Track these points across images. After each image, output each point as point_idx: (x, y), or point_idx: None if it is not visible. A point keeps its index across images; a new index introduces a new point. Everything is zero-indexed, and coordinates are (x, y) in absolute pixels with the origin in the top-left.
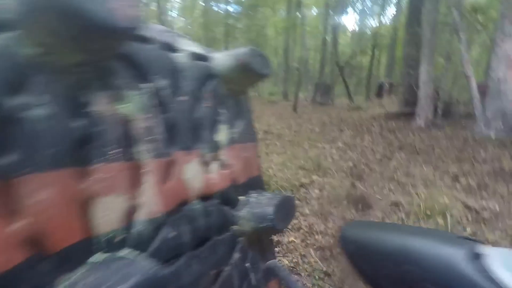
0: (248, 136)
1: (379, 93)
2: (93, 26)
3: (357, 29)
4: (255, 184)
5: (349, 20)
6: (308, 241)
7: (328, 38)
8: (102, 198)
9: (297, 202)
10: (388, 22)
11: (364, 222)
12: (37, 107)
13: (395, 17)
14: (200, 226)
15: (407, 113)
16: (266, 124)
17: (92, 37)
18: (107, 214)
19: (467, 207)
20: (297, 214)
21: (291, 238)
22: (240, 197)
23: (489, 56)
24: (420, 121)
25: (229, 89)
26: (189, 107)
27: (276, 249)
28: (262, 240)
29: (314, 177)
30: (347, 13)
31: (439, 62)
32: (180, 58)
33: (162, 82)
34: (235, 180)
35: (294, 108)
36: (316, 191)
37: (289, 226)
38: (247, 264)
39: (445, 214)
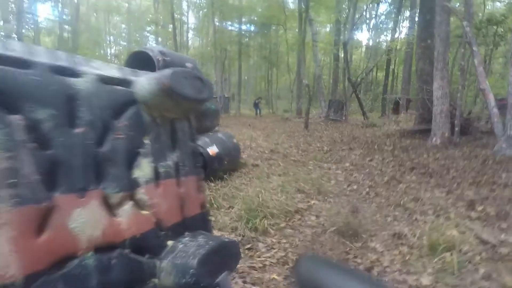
0: (187, 169)
1: (396, 109)
2: None
3: (371, 43)
4: (194, 224)
5: (363, 36)
6: (293, 279)
7: (341, 54)
8: None
9: (289, 231)
10: (402, 36)
11: (322, 260)
12: None
13: (409, 31)
14: (92, 285)
15: (423, 130)
16: (274, 143)
17: None
18: None
19: (482, 241)
20: (286, 246)
21: (273, 275)
22: (169, 242)
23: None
24: (435, 139)
25: (158, 116)
26: (88, 141)
27: None
28: None
29: (313, 201)
30: (361, 29)
31: (455, 76)
32: (81, 83)
33: (43, 113)
34: (160, 223)
35: (306, 126)
36: (313, 218)
37: (274, 260)
38: None
39: (454, 249)
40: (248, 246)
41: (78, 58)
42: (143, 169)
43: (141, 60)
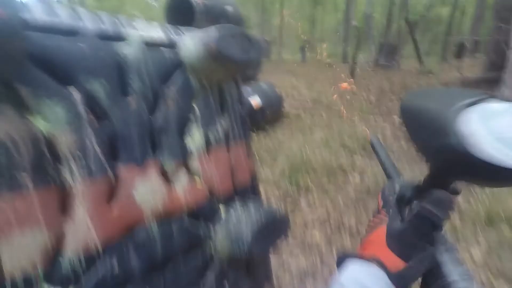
0: (236, 134)
1: (459, 53)
2: None
3: None
4: (244, 191)
5: None
6: (333, 239)
7: None
8: (9, 235)
9: (332, 188)
10: None
11: (428, 90)
12: None
13: None
14: (156, 250)
15: (491, 79)
16: (317, 91)
17: None
18: (18, 255)
19: None
20: (328, 204)
21: (314, 231)
22: (222, 209)
23: None
24: (506, 90)
25: (204, 80)
26: (141, 109)
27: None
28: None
29: (357, 158)
30: None
31: None
32: (127, 48)
33: (96, 83)
34: (212, 190)
35: (352, 73)
36: (356, 176)
37: (315, 216)
38: (226, 284)
39: None
40: (290, 201)
41: (121, 19)
42: (194, 136)
43: (180, 5)
